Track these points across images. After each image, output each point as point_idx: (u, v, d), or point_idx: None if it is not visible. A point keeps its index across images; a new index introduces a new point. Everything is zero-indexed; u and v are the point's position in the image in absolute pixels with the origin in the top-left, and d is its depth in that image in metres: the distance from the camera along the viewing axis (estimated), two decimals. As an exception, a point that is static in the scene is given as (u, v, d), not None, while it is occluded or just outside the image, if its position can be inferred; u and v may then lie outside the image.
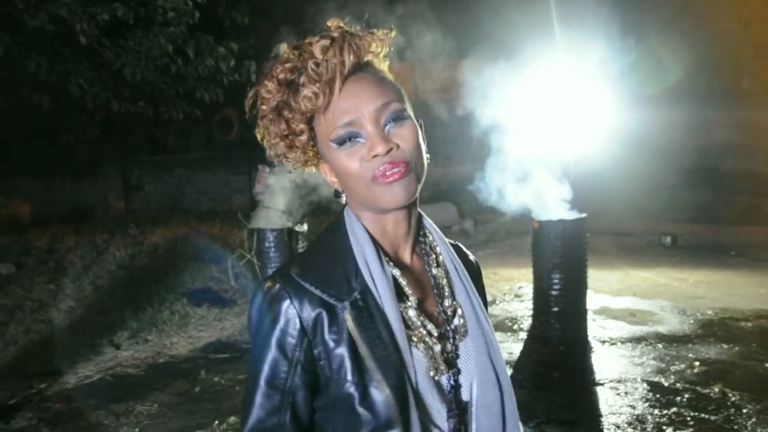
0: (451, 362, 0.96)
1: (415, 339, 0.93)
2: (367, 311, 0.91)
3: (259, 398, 0.91)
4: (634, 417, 3.56)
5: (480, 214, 10.77)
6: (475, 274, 1.11)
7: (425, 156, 0.96)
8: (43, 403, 3.96)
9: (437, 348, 0.94)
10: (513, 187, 5.06)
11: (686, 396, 3.78)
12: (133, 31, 6.58)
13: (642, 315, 5.47)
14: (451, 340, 0.97)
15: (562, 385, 4.11)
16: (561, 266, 4.97)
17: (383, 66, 0.98)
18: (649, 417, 3.55)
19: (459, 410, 0.94)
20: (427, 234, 1.05)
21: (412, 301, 0.96)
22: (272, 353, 0.91)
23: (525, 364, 4.50)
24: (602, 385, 4.03)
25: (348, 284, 0.93)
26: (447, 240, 1.10)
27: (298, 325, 0.90)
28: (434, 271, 1.02)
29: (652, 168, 11.45)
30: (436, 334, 0.95)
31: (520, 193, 5.11)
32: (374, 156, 0.89)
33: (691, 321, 5.26)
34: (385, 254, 0.98)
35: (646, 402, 3.74)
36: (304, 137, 0.95)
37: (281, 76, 0.91)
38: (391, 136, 0.91)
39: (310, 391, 0.92)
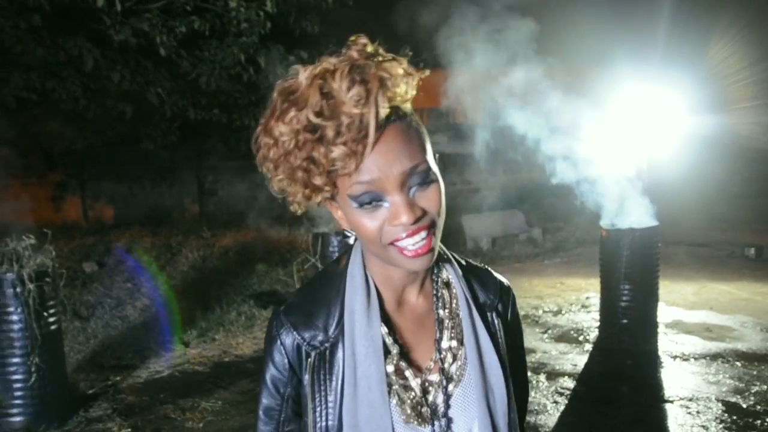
0: (437, 412, 0.92)
1: (390, 393, 0.91)
2: (330, 366, 0.92)
3: (260, 425, 0.98)
4: (706, 438, 3.37)
5: (549, 222, 10.53)
6: (506, 304, 1.05)
7: (444, 207, 0.89)
8: (117, 395, 4.19)
9: (415, 399, 0.92)
10: (583, 194, 4.93)
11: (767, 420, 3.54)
12: (209, 42, 6.87)
13: (719, 330, 5.16)
14: (443, 387, 0.93)
15: (628, 401, 3.95)
16: (630, 277, 4.78)
17: (407, 104, 0.86)
18: (723, 439, 3.35)
19: None
20: (442, 271, 1.00)
21: (394, 355, 0.92)
22: (267, 388, 0.97)
23: (589, 376, 4.35)
24: (672, 402, 3.83)
25: (324, 332, 0.93)
26: (476, 266, 1.06)
27: (287, 365, 0.94)
28: (441, 312, 0.97)
29: (734, 175, 10.82)
30: (417, 383, 0.92)
31: (591, 199, 4.98)
32: (398, 224, 0.82)
33: (775, 339, 4.92)
34: (381, 302, 0.94)
35: (720, 423, 3.53)
36: (327, 190, 0.84)
37: (303, 122, 0.78)
38: (416, 200, 0.83)
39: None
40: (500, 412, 0.94)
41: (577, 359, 4.65)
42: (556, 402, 3.90)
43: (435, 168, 0.87)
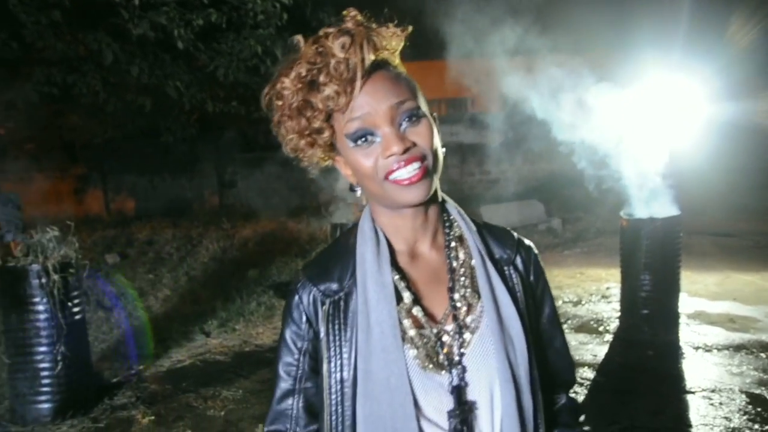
0: (453, 360, 0.93)
1: (405, 340, 0.92)
2: (343, 314, 0.95)
3: (277, 382, 1.01)
4: (729, 430, 3.32)
5: (568, 212, 10.45)
6: (526, 261, 1.06)
7: (441, 151, 0.95)
8: (140, 383, 4.26)
9: (429, 345, 0.92)
10: (604, 183, 4.88)
11: (791, 410, 3.49)
12: (226, 34, 6.89)
13: (743, 321, 5.08)
14: (457, 336, 0.94)
15: (649, 391, 3.91)
16: (651, 267, 4.73)
17: (397, 61, 0.96)
18: (747, 431, 3.30)
19: (462, 410, 0.91)
20: (454, 225, 1.03)
21: (406, 301, 0.94)
22: (285, 345, 1.00)
23: (610, 367, 4.32)
24: (694, 393, 3.79)
25: (339, 282, 0.97)
26: (493, 225, 1.08)
27: (303, 318, 0.98)
28: (454, 264, 0.99)
29: (759, 164, 10.60)
30: (432, 331, 0.94)
31: (611, 189, 4.92)
32: (390, 155, 0.89)
33: (801, 330, 4.83)
34: (392, 253, 0.97)
35: (744, 414, 3.48)
36: (326, 135, 0.94)
37: (300, 73, 0.89)
38: (407, 134, 0.90)
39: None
40: (521, 367, 0.93)
41: (597, 349, 4.62)
42: (575, 392, 3.89)
43: (427, 111, 0.94)
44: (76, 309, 3.71)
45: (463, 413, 0.90)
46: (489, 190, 11.61)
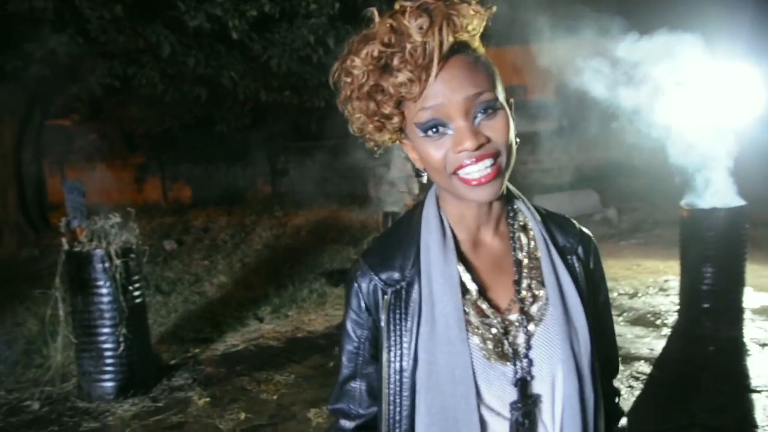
0: (518, 351, 0.91)
1: (469, 330, 0.91)
2: (404, 303, 0.93)
3: (341, 368, 1.01)
4: (797, 430, 3.17)
5: (625, 202, 10.13)
6: (587, 250, 1.04)
7: (515, 144, 0.90)
8: (196, 366, 4.40)
9: (497, 337, 0.91)
10: (663, 172, 4.70)
11: None
12: (279, 24, 6.97)
13: (813, 317, 4.82)
14: (523, 327, 0.92)
15: (710, 388, 3.77)
16: (713, 259, 4.53)
17: (477, 44, 0.90)
18: (817, 432, 3.14)
19: (525, 403, 0.89)
20: (518, 213, 1.01)
21: (472, 293, 0.93)
22: (346, 333, 1.00)
23: (667, 362, 4.17)
24: (759, 392, 3.62)
25: (400, 271, 0.95)
26: (554, 213, 1.07)
27: (363, 307, 0.97)
28: (520, 255, 0.97)
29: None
30: (497, 321, 0.92)
31: (671, 178, 4.74)
32: (461, 151, 0.84)
33: None
34: (456, 242, 0.95)
35: (814, 416, 3.31)
36: (395, 121, 0.89)
37: (373, 53, 0.84)
38: (481, 128, 0.85)
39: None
40: (584, 358, 0.92)
41: (654, 343, 4.48)
42: (631, 386, 3.78)
43: (503, 102, 0.89)
44: (136, 293, 3.87)
45: (526, 406, 0.90)
46: (542, 180, 11.38)
